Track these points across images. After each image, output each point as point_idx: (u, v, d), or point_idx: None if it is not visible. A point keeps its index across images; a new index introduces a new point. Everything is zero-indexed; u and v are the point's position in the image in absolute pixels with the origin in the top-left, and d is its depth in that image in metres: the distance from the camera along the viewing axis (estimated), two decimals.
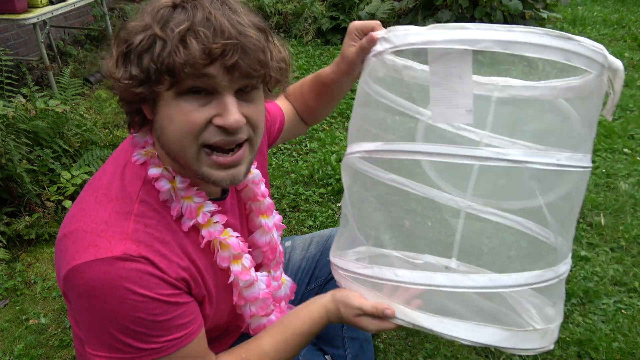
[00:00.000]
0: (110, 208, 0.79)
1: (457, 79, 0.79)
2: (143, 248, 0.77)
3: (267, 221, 1.03)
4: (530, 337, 0.85)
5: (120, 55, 0.77)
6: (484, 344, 0.82)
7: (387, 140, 0.94)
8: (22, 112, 2.47)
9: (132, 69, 0.76)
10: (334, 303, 0.94)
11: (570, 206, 0.92)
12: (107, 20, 4.15)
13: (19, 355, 1.79)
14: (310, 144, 3.09)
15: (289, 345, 0.94)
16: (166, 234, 0.81)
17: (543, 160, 0.79)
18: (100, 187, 0.82)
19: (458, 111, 0.81)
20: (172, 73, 0.73)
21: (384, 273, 0.88)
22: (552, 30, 0.76)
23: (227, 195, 0.96)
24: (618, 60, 0.83)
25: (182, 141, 0.78)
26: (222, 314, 0.96)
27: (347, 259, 0.98)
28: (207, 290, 0.89)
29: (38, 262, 2.25)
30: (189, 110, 0.77)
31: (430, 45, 0.80)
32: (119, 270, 0.74)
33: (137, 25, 0.76)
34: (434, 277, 0.84)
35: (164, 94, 0.78)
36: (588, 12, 5.64)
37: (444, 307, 0.89)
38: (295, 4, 4.93)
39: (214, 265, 0.90)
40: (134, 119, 0.85)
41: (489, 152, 0.80)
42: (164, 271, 0.78)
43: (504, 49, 0.76)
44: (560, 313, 0.94)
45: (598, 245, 2.20)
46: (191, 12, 0.74)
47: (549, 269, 0.86)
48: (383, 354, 1.72)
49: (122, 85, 0.77)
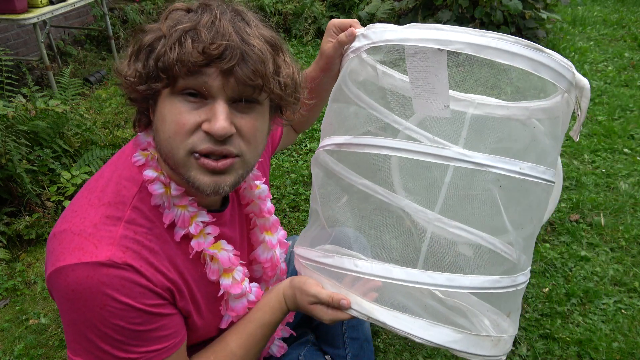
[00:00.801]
0: (101, 212, 0.78)
1: (434, 77, 0.81)
2: (129, 255, 0.76)
3: (271, 238, 1.02)
4: (483, 343, 0.85)
5: (132, 54, 0.79)
6: (436, 343, 0.82)
7: (359, 133, 0.95)
8: (22, 112, 2.47)
9: (137, 66, 0.77)
10: (291, 289, 0.93)
11: (530, 217, 0.94)
12: (107, 20, 4.15)
13: (19, 355, 1.79)
14: (310, 144, 3.09)
15: (254, 339, 0.93)
16: (155, 243, 0.80)
17: (506, 166, 0.82)
18: (96, 189, 0.82)
19: (437, 105, 0.84)
20: (166, 70, 0.74)
21: (344, 263, 0.88)
22: (523, 40, 0.78)
23: (225, 208, 0.95)
24: (585, 79, 0.85)
25: (171, 142, 0.77)
26: (212, 328, 0.95)
27: (310, 248, 0.99)
28: (194, 303, 0.88)
29: (38, 262, 2.25)
30: (181, 111, 0.76)
31: (405, 42, 0.82)
32: (101, 276, 0.73)
33: (152, 27, 0.78)
34: (392, 271, 0.84)
35: (163, 93, 0.78)
36: (588, 12, 5.64)
37: (400, 304, 0.90)
38: (295, 4, 4.93)
39: (203, 277, 0.89)
40: (140, 118, 0.86)
41: (455, 153, 0.81)
42: (149, 279, 0.77)
43: (475, 53, 0.78)
44: (515, 325, 0.95)
45: (598, 245, 2.20)
46: (200, 16, 0.75)
47: (506, 276, 0.87)
48: (383, 353, 1.72)
49: (127, 82, 0.79)
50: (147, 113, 0.84)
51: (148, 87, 0.77)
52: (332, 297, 0.87)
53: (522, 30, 4.20)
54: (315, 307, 0.89)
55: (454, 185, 1.07)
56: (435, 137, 1.02)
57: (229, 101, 0.77)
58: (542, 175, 0.85)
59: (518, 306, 0.95)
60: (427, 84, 0.82)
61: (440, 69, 0.80)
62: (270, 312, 0.94)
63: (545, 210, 0.95)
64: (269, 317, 0.93)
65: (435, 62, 0.80)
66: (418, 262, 1.10)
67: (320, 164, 1.02)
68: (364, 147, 0.90)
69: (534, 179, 0.84)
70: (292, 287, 0.93)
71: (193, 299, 0.87)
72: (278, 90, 0.79)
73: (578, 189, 2.58)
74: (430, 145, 0.83)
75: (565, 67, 0.82)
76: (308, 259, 0.96)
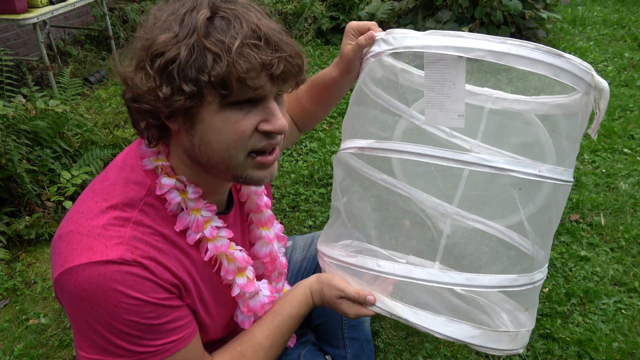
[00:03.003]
0: (109, 213, 0.78)
1: (451, 84, 0.83)
2: (138, 254, 0.76)
3: (267, 233, 1.03)
4: (501, 338, 0.89)
5: (157, 70, 0.73)
6: (455, 338, 0.86)
7: (380, 139, 0.96)
8: (22, 112, 2.47)
9: (174, 83, 0.73)
10: (318, 284, 0.97)
11: (549, 217, 0.96)
12: (107, 20, 4.15)
13: (19, 355, 1.79)
14: (310, 144, 3.09)
15: (281, 331, 0.96)
16: (163, 244, 0.81)
17: (526, 170, 0.84)
18: (102, 191, 0.81)
19: (450, 115, 0.85)
20: (225, 86, 0.72)
21: (367, 263, 0.93)
22: (543, 46, 0.80)
23: (230, 210, 0.96)
24: (604, 81, 0.86)
25: (230, 150, 0.78)
26: (220, 328, 0.96)
27: (333, 247, 1.02)
28: (202, 302, 0.88)
29: (38, 262, 2.25)
30: (236, 120, 0.76)
31: (426, 49, 0.84)
32: (113, 274, 0.74)
33: (166, 38, 0.73)
34: (414, 271, 0.89)
35: (207, 106, 0.75)
36: (588, 12, 5.64)
37: (420, 301, 0.94)
38: (295, 4, 4.93)
39: (212, 277, 0.90)
40: (151, 132, 0.82)
41: (476, 158, 0.84)
42: (158, 276, 0.78)
43: (496, 60, 0.80)
44: (532, 319, 0.98)
45: (598, 245, 2.20)
46: (232, 24, 0.73)
47: (524, 274, 0.91)
48: (383, 353, 1.72)
49: (157, 98, 0.74)
50: (162, 127, 0.81)
51: (194, 102, 0.73)
52: (359, 293, 0.91)
53: (522, 30, 4.20)
54: (342, 302, 0.94)
55: (472, 183, 1.09)
56: (454, 132, 1.03)
57: (274, 98, 0.80)
58: (561, 176, 0.88)
59: (535, 301, 0.99)
60: (442, 92, 0.84)
61: (459, 77, 0.82)
62: (297, 306, 0.97)
63: (563, 208, 0.98)
64: (295, 311, 0.97)
65: (454, 69, 0.82)
66: (437, 256, 1.13)
67: (342, 163, 1.05)
68: (385, 152, 0.93)
69: (554, 181, 0.86)
70: (320, 282, 0.97)
71: (201, 298, 0.88)
72: (305, 78, 0.83)
73: (578, 189, 2.58)
74: (452, 151, 0.85)
75: (584, 71, 0.83)
76: (332, 258, 1.00)
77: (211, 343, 0.96)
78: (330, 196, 1.13)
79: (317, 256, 1.33)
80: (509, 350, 0.90)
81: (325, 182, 2.69)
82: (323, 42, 4.78)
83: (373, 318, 1.76)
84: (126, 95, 0.79)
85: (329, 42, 4.77)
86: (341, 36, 4.86)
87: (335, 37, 4.77)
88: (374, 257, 0.93)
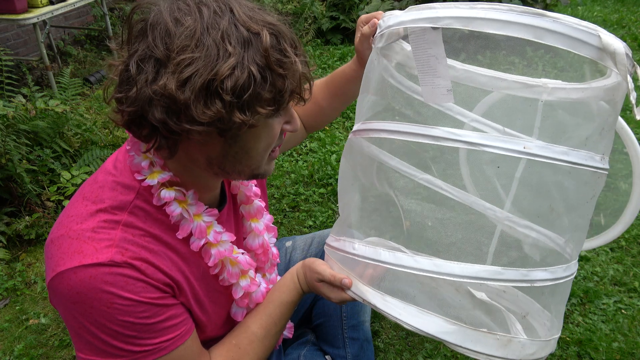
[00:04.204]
0: (98, 216, 0.78)
1: (434, 59, 0.80)
2: (129, 256, 0.77)
3: (257, 225, 1.04)
4: (484, 339, 0.77)
5: (202, 90, 0.69)
6: (425, 332, 0.78)
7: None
8: (22, 112, 2.47)
9: (254, 107, 0.72)
10: (302, 268, 0.99)
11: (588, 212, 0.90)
12: (107, 20, 4.15)
13: (19, 355, 1.79)
14: (310, 144, 3.09)
15: (273, 319, 0.97)
16: (154, 245, 0.81)
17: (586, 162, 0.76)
18: (90, 195, 0.81)
19: (440, 91, 0.81)
20: (282, 100, 0.77)
21: (345, 246, 0.91)
22: (520, 6, 0.71)
23: (224, 206, 0.97)
24: (617, 41, 0.70)
25: (264, 154, 0.83)
26: (217, 326, 0.97)
27: (332, 234, 0.99)
28: (197, 300, 0.89)
29: (38, 262, 2.25)
30: (273, 126, 0.81)
31: (401, 25, 0.83)
32: (104, 276, 0.74)
33: (233, 63, 0.69)
34: (380, 254, 0.84)
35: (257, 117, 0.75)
36: (588, 12, 5.64)
37: (401, 291, 0.87)
38: (295, 4, 4.93)
39: (205, 274, 0.90)
40: (163, 147, 0.77)
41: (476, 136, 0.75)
42: (150, 277, 0.78)
43: (464, 26, 0.74)
44: (546, 331, 0.89)
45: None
46: (259, 33, 0.72)
47: (512, 269, 0.79)
48: (383, 353, 1.72)
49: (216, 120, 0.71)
50: (174, 141, 0.76)
51: (246, 118, 0.72)
52: (334, 276, 0.91)
53: None
54: (322, 285, 0.94)
55: (525, 181, 0.98)
56: (506, 129, 0.97)
57: None
58: (598, 164, 0.80)
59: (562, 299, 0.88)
60: (430, 67, 0.81)
61: (438, 49, 0.79)
62: (287, 292, 0.99)
63: (592, 204, 0.88)
64: (285, 296, 0.98)
65: (432, 42, 0.79)
66: (487, 261, 1.02)
67: (365, 155, 0.96)
68: (369, 132, 0.90)
69: (603, 171, 0.80)
70: (303, 267, 0.99)
71: (195, 297, 0.88)
72: None
73: None
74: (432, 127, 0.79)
75: (582, 31, 0.70)
76: (327, 244, 0.99)
77: (210, 341, 0.96)
78: (330, 197, 1.11)
79: (316, 256, 1.33)
80: (495, 357, 0.77)
81: (326, 182, 2.69)
82: (323, 42, 4.78)
83: (373, 318, 1.76)
84: (158, 115, 0.71)
85: (329, 42, 4.77)
86: (341, 36, 4.88)
87: (335, 37, 4.77)
88: (352, 240, 0.90)
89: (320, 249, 1.33)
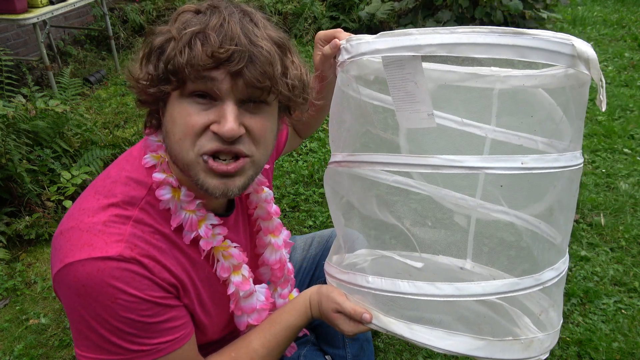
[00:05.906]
0: (110, 211, 0.79)
1: (413, 84, 0.78)
2: (137, 252, 0.77)
3: (276, 240, 1.03)
4: (511, 347, 0.82)
5: (144, 56, 0.80)
6: (458, 352, 0.81)
7: (384, 139, 0.93)
8: (22, 112, 2.47)
9: (148, 69, 0.78)
10: (317, 295, 0.95)
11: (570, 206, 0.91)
12: (107, 20, 4.15)
13: (19, 355, 1.79)
14: (310, 144, 3.09)
15: (277, 340, 0.94)
16: (163, 243, 0.81)
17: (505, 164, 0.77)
18: (103, 189, 0.82)
19: (420, 115, 0.80)
20: (176, 73, 0.74)
21: (357, 279, 0.89)
22: (500, 28, 0.72)
23: (231, 213, 0.96)
24: (589, 49, 0.76)
25: (181, 144, 0.78)
26: (219, 328, 0.96)
27: (333, 264, 0.98)
28: (200, 302, 0.89)
29: (38, 262, 2.25)
30: (190, 113, 0.77)
31: (377, 54, 0.80)
32: (111, 270, 0.74)
33: (162, 29, 0.79)
34: (400, 285, 0.84)
35: (172, 95, 0.79)
36: (588, 12, 5.64)
37: (423, 317, 0.89)
38: (295, 4, 4.93)
39: (210, 277, 0.90)
40: (151, 119, 0.87)
41: (443, 160, 0.77)
42: (156, 275, 0.78)
43: (448, 52, 0.73)
44: (552, 323, 0.92)
45: (598, 245, 2.20)
46: (208, 18, 0.76)
47: (527, 277, 0.84)
48: (383, 353, 1.72)
49: (139, 85, 0.80)
50: (158, 115, 0.85)
51: (158, 89, 0.78)
52: (355, 310, 0.88)
53: None
54: (339, 317, 0.91)
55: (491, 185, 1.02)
56: (465, 120, 0.98)
57: (237, 102, 0.77)
58: (579, 160, 0.83)
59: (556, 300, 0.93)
60: (407, 93, 0.80)
61: (417, 75, 0.77)
62: (296, 315, 0.95)
63: (577, 195, 0.92)
64: (293, 320, 0.95)
65: (411, 68, 0.77)
66: (467, 253, 1.07)
67: (340, 174, 0.99)
68: (358, 165, 0.91)
69: (572, 168, 0.81)
70: (319, 294, 0.95)
71: (199, 299, 0.88)
72: (286, 92, 0.80)
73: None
74: (416, 157, 0.79)
75: (558, 43, 0.74)
76: (330, 275, 0.97)
77: (210, 344, 0.96)
78: None
79: (316, 256, 1.33)
80: (527, 359, 0.83)
81: None
82: None
83: None
84: None
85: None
86: None
87: None
88: (364, 274, 0.88)
89: (321, 249, 1.32)
